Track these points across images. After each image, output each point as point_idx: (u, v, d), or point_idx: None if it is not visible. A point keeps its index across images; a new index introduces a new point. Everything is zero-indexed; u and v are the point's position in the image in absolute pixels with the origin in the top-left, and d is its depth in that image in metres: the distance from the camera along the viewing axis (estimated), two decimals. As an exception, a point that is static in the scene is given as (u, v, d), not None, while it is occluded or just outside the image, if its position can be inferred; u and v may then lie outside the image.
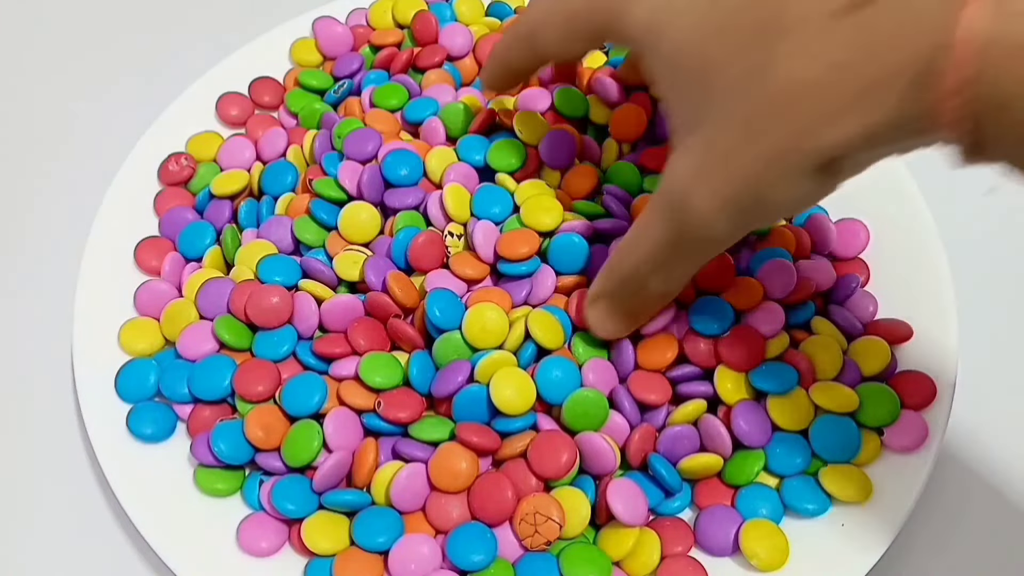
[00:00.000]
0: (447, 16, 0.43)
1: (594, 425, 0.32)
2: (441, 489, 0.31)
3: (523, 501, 0.31)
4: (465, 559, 0.30)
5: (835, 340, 0.33)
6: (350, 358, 0.33)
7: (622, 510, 0.30)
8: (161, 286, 0.36)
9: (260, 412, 0.32)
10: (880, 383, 0.33)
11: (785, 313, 0.34)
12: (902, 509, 0.31)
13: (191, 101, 0.42)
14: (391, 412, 0.32)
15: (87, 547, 0.34)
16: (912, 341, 0.35)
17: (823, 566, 0.31)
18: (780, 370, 0.32)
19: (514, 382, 0.32)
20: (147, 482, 0.32)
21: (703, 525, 0.31)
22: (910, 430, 0.32)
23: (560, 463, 0.31)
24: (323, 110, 0.40)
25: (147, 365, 0.34)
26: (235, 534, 0.32)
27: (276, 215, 0.37)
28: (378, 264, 0.34)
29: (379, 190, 0.36)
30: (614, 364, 0.33)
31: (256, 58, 0.43)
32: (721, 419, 0.32)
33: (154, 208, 0.39)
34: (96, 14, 0.49)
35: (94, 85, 0.46)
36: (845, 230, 0.38)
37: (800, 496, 0.32)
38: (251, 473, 0.33)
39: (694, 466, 0.32)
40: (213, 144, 0.40)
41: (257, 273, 0.35)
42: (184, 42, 0.48)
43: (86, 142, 0.44)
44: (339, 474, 0.31)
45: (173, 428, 0.34)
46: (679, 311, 0.33)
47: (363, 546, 0.30)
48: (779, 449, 0.32)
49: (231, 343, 0.34)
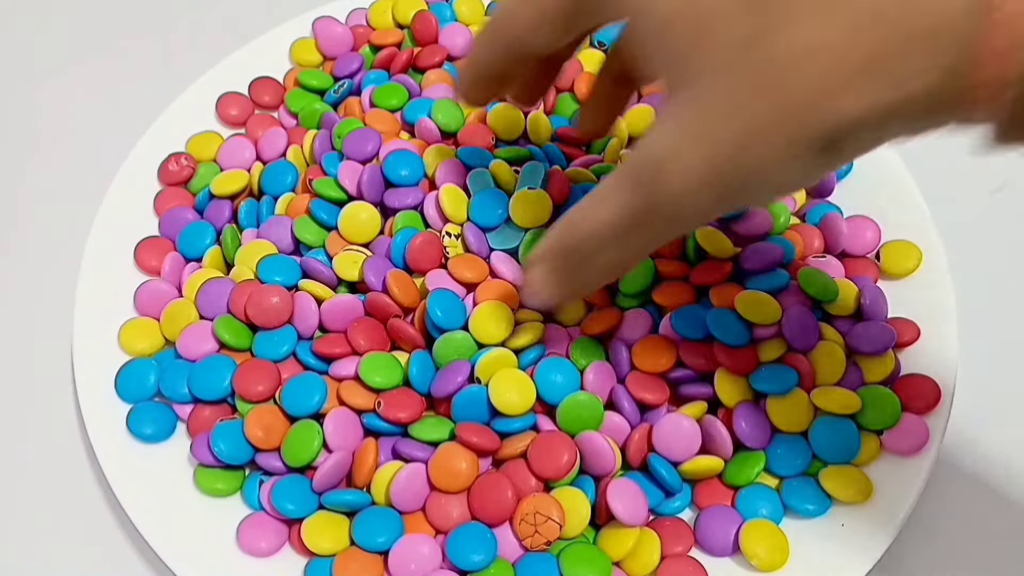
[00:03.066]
0: (447, 16, 0.44)
1: (589, 428, 0.32)
2: (441, 489, 0.31)
3: (523, 501, 0.31)
4: (465, 559, 0.30)
5: (839, 347, 0.33)
6: (350, 358, 0.33)
7: (622, 510, 0.30)
8: (161, 286, 0.36)
9: (260, 412, 0.32)
10: (882, 386, 0.33)
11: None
12: (902, 509, 0.31)
13: (191, 101, 0.42)
14: (391, 412, 0.32)
15: (87, 547, 0.34)
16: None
17: (823, 566, 0.31)
18: (779, 371, 0.32)
19: (514, 383, 0.32)
20: (147, 482, 0.32)
21: (703, 525, 0.31)
22: (910, 434, 0.32)
23: (560, 464, 0.31)
24: (323, 110, 0.40)
25: (147, 365, 0.34)
26: (235, 534, 0.32)
27: (276, 215, 0.37)
28: (377, 264, 0.34)
29: (379, 190, 0.36)
30: (612, 366, 0.33)
31: (256, 58, 0.43)
32: (721, 420, 0.32)
33: (154, 208, 0.39)
34: (96, 14, 0.49)
35: (94, 85, 0.46)
36: (855, 228, 0.37)
37: (800, 496, 0.32)
38: (251, 473, 0.33)
39: (695, 468, 0.32)
40: (213, 144, 0.40)
41: (257, 273, 0.35)
42: (184, 42, 0.48)
43: (86, 142, 0.44)
44: (339, 474, 0.31)
45: (173, 428, 0.34)
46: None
47: (363, 546, 0.30)
48: (779, 450, 0.32)
49: (231, 343, 0.34)
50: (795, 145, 0.21)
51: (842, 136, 0.21)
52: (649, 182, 0.24)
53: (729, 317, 0.33)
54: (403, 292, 0.33)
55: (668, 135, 0.23)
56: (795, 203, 0.38)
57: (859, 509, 0.31)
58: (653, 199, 0.24)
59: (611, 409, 0.33)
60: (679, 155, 0.23)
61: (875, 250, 0.37)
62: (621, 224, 0.25)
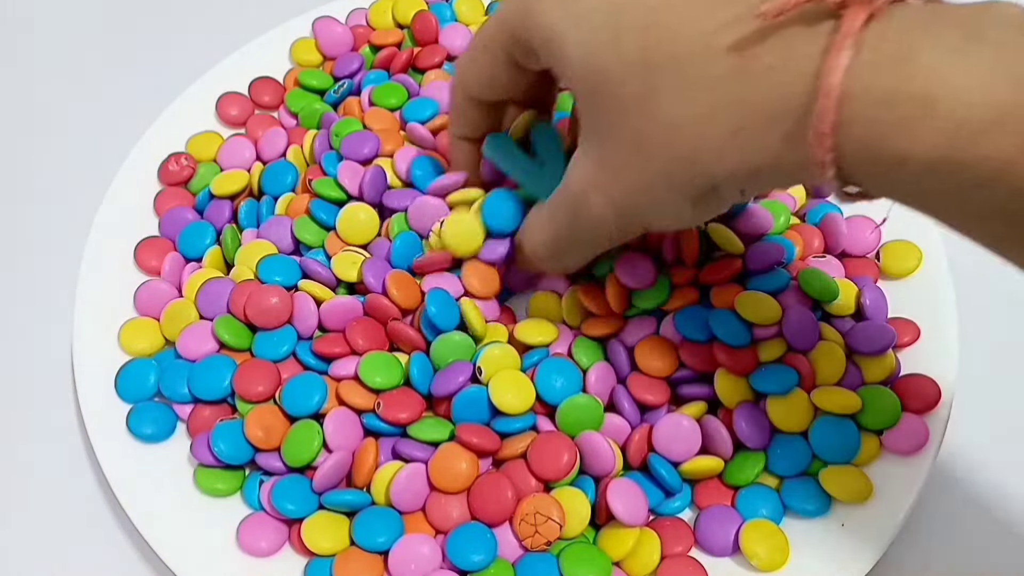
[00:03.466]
0: (447, 16, 0.43)
1: (589, 430, 0.32)
2: (441, 489, 0.31)
3: (523, 501, 0.31)
4: (465, 559, 0.30)
5: (839, 347, 0.33)
6: (350, 358, 0.33)
7: (622, 510, 0.30)
8: (161, 286, 0.36)
9: (260, 412, 0.32)
10: (882, 386, 0.33)
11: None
12: (902, 509, 0.31)
13: (191, 101, 0.42)
14: (391, 413, 0.32)
15: (87, 547, 0.34)
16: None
17: (823, 566, 0.31)
18: (779, 371, 0.32)
19: (514, 383, 0.32)
20: (147, 482, 0.32)
21: (703, 525, 0.31)
22: (910, 434, 0.32)
23: (560, 464, 0.31)
24: (323, 110, 0.40)
25: (147, 365, 0.34)
26: (235, 534, 0.31)
27: (276, 215, 0.37)
28: (376, 266, 0.34)
29: (379, 191, 0.36)
30: (612, 366, 0.33)
31: (256, 58, 0.43)
32: (721, 420, 0.32)
33: (154, 208, 0.39)
34: (96, 14, 0.49)
35: (94, 85, 0.46)
36: (855, 228, 0.37)
37: (800, 497, 0.32)
38: (251, 473, 0.33)
39: (695, 468, 0.32)
40: (213, 144, 0.40)
41: (257, 273, 0.35)
42: (184, 42, 0.48)
43: (86, 142, 0.44)
44: (339, 474, 0.31)
45: (173, 428, 0.34)
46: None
47: (363, 546, 0.30)
48: (779, 450, 0.32)
49: (231, 343, 0.34)
50: (676, 193, 0.25)
51: (716, 187, 0.25)
52: (578, 208, 0.28)
53: (729, 317, 0.33)
54: (402, 294, 0.33)
55: (586, 172, 0.27)
56: (795, 203, 0.38)
57: (859, 509, 0.31)
58: (581, 222, 0.28)
59: (611, 410, 0.33)
60: (595, 191, 0.27)
61: (875, 250, 0.37)
62: (556, 244, 0.30)
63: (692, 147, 0.24)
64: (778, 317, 0.33)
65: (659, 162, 0.25)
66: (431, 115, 0.39)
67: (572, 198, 0.28)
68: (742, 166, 0.24)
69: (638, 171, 0.25)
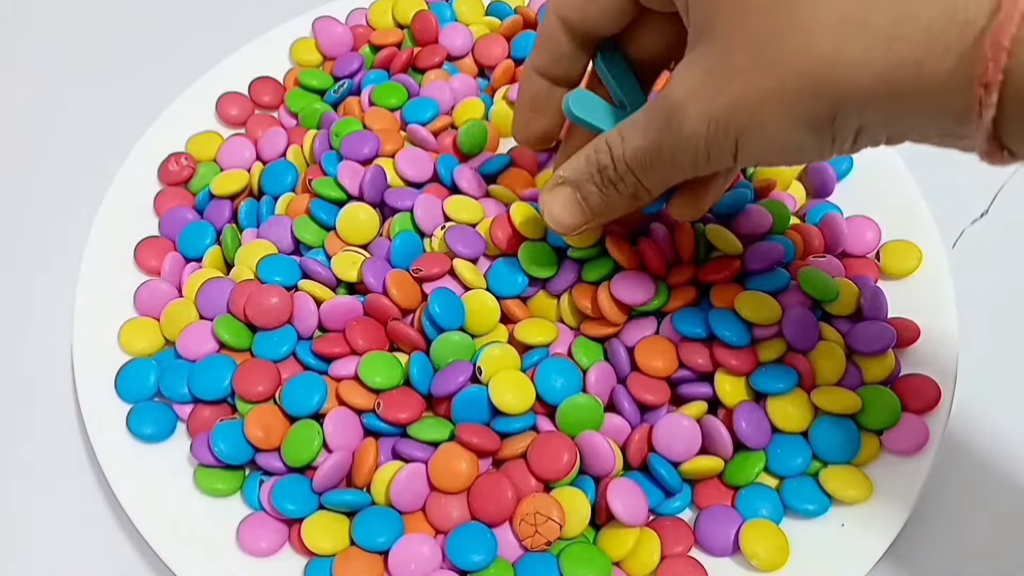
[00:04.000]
0: (447, 16, 0.44)
1: (589, 430, 0.32)
2: (441, 489, 0.31)
3: (523, 501, 0.31)
4: (465, 559, 0.30)
5: (839, 347, 0.33)
6: (350, 358, 0.33)
7: (622, 510, 0.30)
8: (161, 286, 0.36)
9: (260, 412, 0.32)
10: (882, 386, 0.33)
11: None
12: (902, 509, 0.31)
13: (191, 101, 0.42)
14: (391, 413, 0.32)
15: (87, 547, 0.34)
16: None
17: (823, 566, 0.31)
18: (779, 371, 0.32)
19: (514, 383, 0.32)
20: (147, 482, 0.32)
21: (703, 525, 0.31)
22: (910, 434, 0.32)
23: (560, 464, 0.31)
24: (323, 110, 0.40)
25: (147, 365, 0.34)
26: (235, 534, 0.32)
27: (276, 215, 0.37)
28: (376, 266, 0.34)
29: (380, 190, 0.36)
30: (612, 366, 0.33)
31: (256, 58, 0.43)
32: (721, 420, 0.32)
33: (154, 208, 0.39)
34: (96, 14, 0.49)
35: (94, 85, 0.46)
36: (855, 228, 0.37)
37: (800, 496, 0.32)
38: (251, 473, 0.33)
39: (695, 468, 0.32)
40: (213, 144, 0.40)
41: (257, 273, 0.35)
42: (184, 42, 0.48)
43: (86, 142, 0.44)
44: (339, 474, 0.31)
45: (173, 428, 0.34)
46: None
47: (363, 546, 0.30)
48: (779, 450, 0.32)
49: (231, 343, 0.34)
50: (789, 114, 0.22)
51: (839, 114, 0.22)
52: (672, 122, 0.25)
53: (729, 317, 0.33)
54: (402, 294, 0.33)
55: (684, 83, 0.24)
56: (795, 203, 0.38)
57: (859, 509, 0.31)
58: (673, 138, 0.25)
59: (611, 410, 0.33)
60: (695, 103, 0.24)
61: (875, 250, 0.37)
62: (646, 153, 0.27)
63: (827, 57, 0.21)
64: (778, 317, 0.33)
65: (781, 73, 0.22)
66: (431, 115, 0.39)
67: (667, 107, 0.25)
68: (882, 87, 0.21)
69: (751, 82, 0.22)
